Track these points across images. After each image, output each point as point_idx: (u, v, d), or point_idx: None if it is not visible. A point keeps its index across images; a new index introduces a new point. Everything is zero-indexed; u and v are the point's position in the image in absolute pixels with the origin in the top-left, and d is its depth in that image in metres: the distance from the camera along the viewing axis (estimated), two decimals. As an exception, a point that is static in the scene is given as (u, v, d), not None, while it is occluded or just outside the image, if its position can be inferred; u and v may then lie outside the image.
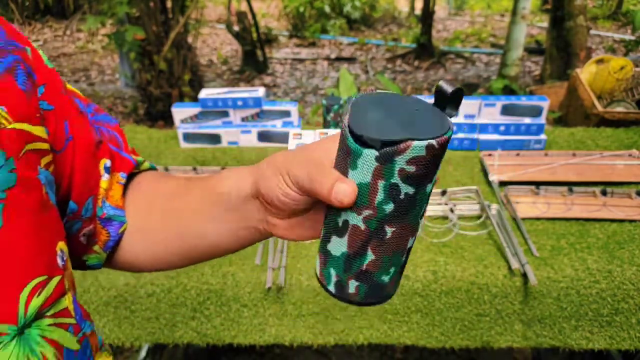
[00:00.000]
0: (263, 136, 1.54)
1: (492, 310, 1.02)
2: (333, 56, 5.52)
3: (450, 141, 0.31)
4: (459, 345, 1.05)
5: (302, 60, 5.43)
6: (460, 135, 1.46)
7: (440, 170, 0.33)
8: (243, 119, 1.57)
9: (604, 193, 1.20)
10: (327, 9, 6.43)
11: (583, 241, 1.07)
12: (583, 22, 3.32)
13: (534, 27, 6.26)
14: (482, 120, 1.47)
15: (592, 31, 5.49)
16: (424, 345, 1.05)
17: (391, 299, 1.03)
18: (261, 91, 1.54)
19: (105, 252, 0.46)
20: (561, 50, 3.45)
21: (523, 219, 1.14)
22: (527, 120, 1.44)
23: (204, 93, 1.55)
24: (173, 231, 0.45)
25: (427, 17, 4.98)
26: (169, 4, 3.42)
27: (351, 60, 5.36)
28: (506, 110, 1.45)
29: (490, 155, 1.40)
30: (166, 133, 1.66)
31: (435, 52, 5.08)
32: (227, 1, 5.33)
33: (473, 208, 1.19)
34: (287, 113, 1.53)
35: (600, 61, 1.90)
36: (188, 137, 1.56)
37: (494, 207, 1.16)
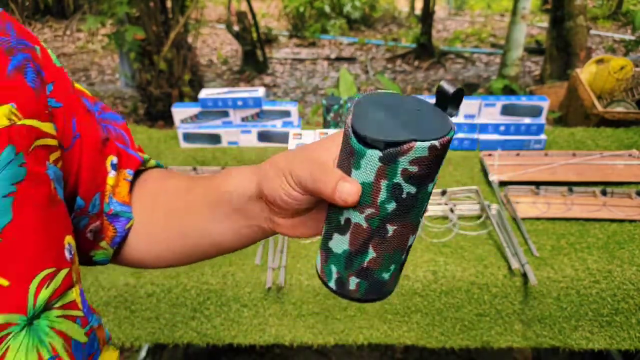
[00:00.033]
0: (263, 136, 1.54)
1: (492, 310, 1.02)
2: (333, 56, 5.52)
3: (451, 141, 0.31)
4: (459, 345, 1.05)
5: (302, 60, 5.43)
6: (460, 135, 1.46)
7: (440, 170, 0.34)
8: (243, 119, 1.57)
9: (604, 193, 1.20)
10: (327, 9, 6.43)
11: (583, 241, 1.07)
12: (583, 22, 3.32)
13: (534, 27, 6.26)
14: (482, 120, 1.47)
15: (592, 31, 5.49)
16: (424, 345, 1.05)
17: (391, 299, 1.03)
18: (261, 91, 1.54)
19: (112, 248, 0.47)
20: (561, 50, 3.45)
21: (523, 219, 1.14)
22: (527, 120, 1.44)
23: (204, 93, 1.55)
24: (175, 230, 0.45)
25: (427, 17, 4.98)
26: (169, 4, 3.42)
27: (351, 60, 5.36)
28: (506, 110, 1.45)
29: (490, 155, 1.40)
30: (166, 133, 1.66)
31: (435, 52, 5.08)
32: (227, 1, 5.33)
33: (473, 208, 1.19)
34: (287, 113, 1.53)
35: (600, 61, 1.90)
36: (188, 137, 1.56)
37: (494, 207, 1.16)
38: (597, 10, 6.38)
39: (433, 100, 0.33)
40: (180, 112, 1.56)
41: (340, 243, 0.35)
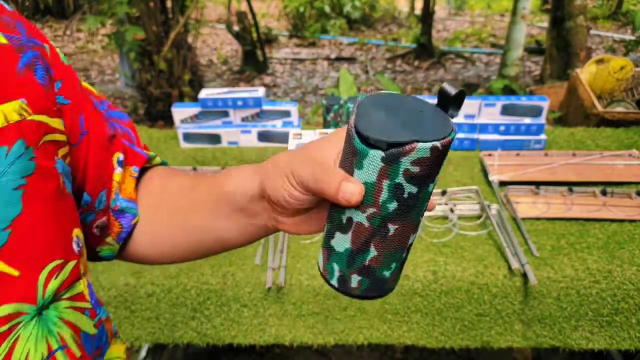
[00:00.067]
0: (263, 136, 1.54)
1: (492, 310, 1.02)
2: (333, 56, 5.52)
3: (452, 142, 0.32)
4: (459, 345, 1.05)
5: (302, 60, 5.43)
6: (460, 135, 1.46)
7: (440, 170, 0.35)
8: (243, 119, 1.57)
9: (604, 193, 1.20)
10: (327, 9, 6.43)
11: (583, 241, 1.07)
12: (583, 22, 3.31)
13: (534, 27, 6.26)
14: (482, 120, 1.47)
15: (592, 31, 5.49)
16: (424, 345, 1.05)
17: (391, 299, 1.03)
18: (261, 91, 1.54)
19: (117, 244, 0.47)
20: (561, 50, 3.45)
21: (523, 219, 1.14)
22: (527, 120, 1.44)
23: (204, 93, 1.55)
24: (180, 227, 0.46)
25: (427, 17, 4.98)
26: (169, 4, 3.42)
27: (351, 60, 5.36)
28: (506, 110, 1.45)
29: (490, 155, 1.40)
30: (166, 133, 1.66)
31: (435, 52, 5.08)
32: (227, 1, 5.33)
33: (473, 208, 1.19)
34: (287, 113, 1.53)
35: (600, 61, 1.90)
36: (188, 137, 1.56)
37: (494, 207, 1.16)
38: (597, 10, 6.38)
39: (434, 100, 0.33)
40: (180, 112, 1.56)
41: (342, 241, 0.36)
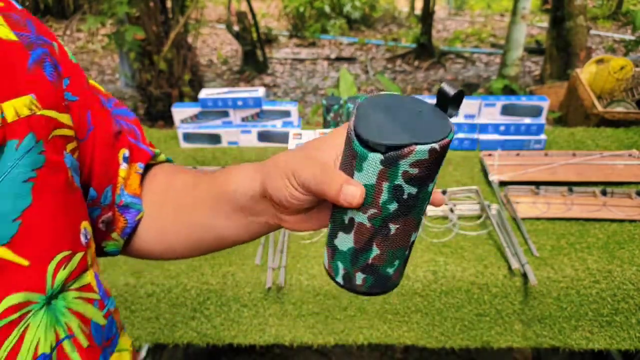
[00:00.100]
0: (263, 136, 1.54)
1: (492, 310, 1.02)
2: (333, 56, 5.52)
3: (451, 143, 0.32)
4: (459, 345, 1.05)
5: (302, 60, 5.43)
6: (460, 135, 1.46)
7: (440, 170, 0.35)
8: (243, 119, 1.57)
9: (604, 193, 1.20)
10: (327, 9, 6.43)
11: (583, 241, 1.07)
12: (583, 22, 3.31)
13: (534, 27, 6.26)
14: (482, 120, 1.47)
15: (592, 31, 5.49)
16: (424, 345, 1.05)
17: (391, 299, 1.03)
18: (261, 91, 1.54)
19: (122, 239, 0.48)
20: (561, 50, 3.45)
21: (523, 219, 1.14)
22: (527, 120, 1.44)
23: (204, 93, 1.55)
24: (184, 225, 0.47)
25: (427, 17, 4.98)
26: (169, 4, 3.42)
27: (351, 60, 5.36)
28: (506, 110, 1.45)
29: (490, 155, 1.40)
30: (166, 133, 1.66)
31: (435, 52, 5.08)
32: (227, 1, 5.33)
33: (473, 208, 1.19)
34: (287, 113, 1.53)
35: (600, 61, 1.90)
36: (188, 137, 1.56)
37: (494, 207, 1.16)
38: (597, 10, 6.38)
39: (434, 100, 0.34)
40: (180, 112, 1.56)
41: (345, 241, 0.36)
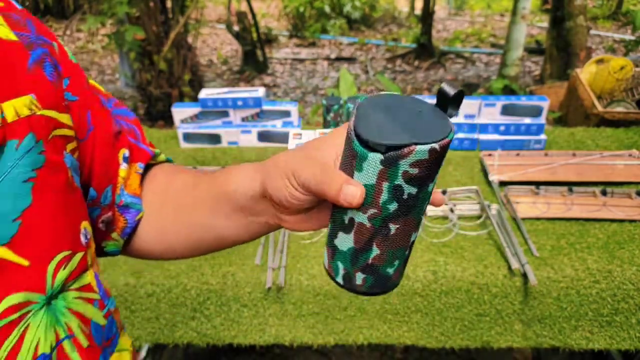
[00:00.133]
0: (263, 136, 1.54)
1: (492, 310, 1.02)
2: (333, 56, 5.52)
3: (451, 143, 0.32)
4: (459, 345, 1.05)
5: (302, 60, 5.43)
6: (460, 135, 1.46)
7: (440, 170, 0.35)
8: (243, 119, 1.56)
9: (604, 193, 1.20)
10: (327, 9, 6.43)
11: (583, 241, 1.07)
12: (583, 22, 3.31)
13: (534, 27, 6.26)
14: (482, 120, 1.47)
15: (592, 31, 5.49)
16: (424, 345, 1.05)
17: (391, 299, 1.03)
18: (261, 91, 1.54)
19: (122, 239, 0.48)
20: (561, 50, 3.45)
21: (523, 219, 1.14)
22: (527, 120, 1.44)
23: (204, 93, 1.55)
24: (184, 225, 0.47)
25: (427, 17, 4.98)
26: (169, 4, 3.42)
27: (351, 60, 5.36)
28: (506, 110, 1.45)
29: (490, 155, 1.40)
30: (166, 133, 1.66)
31: (435, 52, 5.08)
32: (227, 1, 5.33)
33: (473, 208, 1.19)
34: (287, 113, 1.53)
35: (600, 61, 1.90)
36: (188, 137, 1.56)
37: (494, 207, 1.16)
38: (597, 10, 6.38)
39: (434, 100, 0.34)
40: (180, 112, 1.56)
41: (345, 241, 0.36)
